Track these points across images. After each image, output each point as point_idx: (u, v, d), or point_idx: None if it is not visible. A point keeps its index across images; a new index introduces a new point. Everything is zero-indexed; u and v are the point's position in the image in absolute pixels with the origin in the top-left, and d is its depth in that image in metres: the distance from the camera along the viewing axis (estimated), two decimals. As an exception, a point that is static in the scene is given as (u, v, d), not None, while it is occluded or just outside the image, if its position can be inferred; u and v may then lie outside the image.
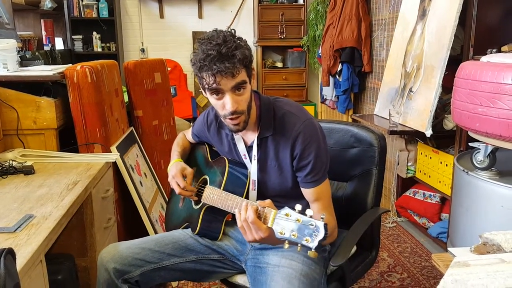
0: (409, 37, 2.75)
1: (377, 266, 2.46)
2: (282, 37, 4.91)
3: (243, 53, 1.21)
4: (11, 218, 1.29)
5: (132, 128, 2.54)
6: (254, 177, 1.39)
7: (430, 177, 2.68)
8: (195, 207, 1.50)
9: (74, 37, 4.90)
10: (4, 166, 1.70)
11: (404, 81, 2.73)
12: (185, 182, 1.46)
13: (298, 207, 1.09)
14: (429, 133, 2.36)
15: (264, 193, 1.38)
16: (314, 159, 1.31)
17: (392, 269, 2.44)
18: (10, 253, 0.88)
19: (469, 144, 1.83)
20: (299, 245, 1.06)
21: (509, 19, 2.22)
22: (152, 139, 2.65)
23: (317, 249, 1.04)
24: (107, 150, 2.03)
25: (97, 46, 5.01)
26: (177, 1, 5.15)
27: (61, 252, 1.64)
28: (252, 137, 1.39)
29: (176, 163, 1.53)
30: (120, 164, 2.07)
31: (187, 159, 1.63)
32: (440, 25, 2.41)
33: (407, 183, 3.02)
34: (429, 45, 2.49)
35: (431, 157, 2.66)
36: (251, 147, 1.39)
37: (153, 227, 2.18)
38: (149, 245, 1.44)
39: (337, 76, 3.66)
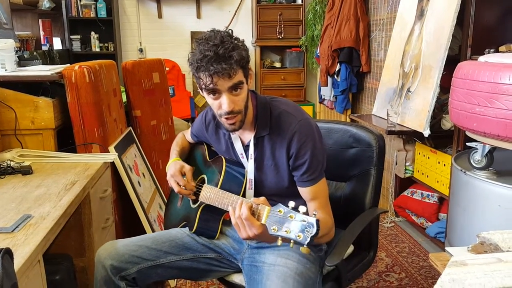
0: (407, 37, 2.75)
1: (375, 266, 2.47)
2: (280, 37, 4.91)
3: (240, 54, 1.22)
4: (9, 218, 1.29)
5: (130, 128, 2.53)
6: (251, 176, 1.40)
7: (428, 177, 2.68)
8: (193, 206, 1.51)
9: (72, 37, 4.89)
10: (2, 166, 1.70)
11: (402, 81, 2.73)
12: (184, 180, 1.47)
13: (291, 204, 1.10)
14: (427, 133, 2.36)
15: (261, 192, 1.38)
16: (310, 158, 1.31)
17: (390, 269, 2.45)
18: (7, 253, 0.88)
19: (467, 144, 1.83)
20: (292, 241, 1.06)
21: (507, 19, 2.23)
22: (150, 139, 2.65)
23: (310, 245, 1.05)
24: (105, 150, 2.03)
25: (95, 46, 5.00)
26: (175, 1, 5.14)
27: (59, 252, 1.64)
28: (249, 136, 1.39)
29: (174, 162, 1.54)
30: (118, 164, 2.07)
31: (186, 159, 1.63)
32: (438, 25, 2.41)
33: (405, 183, 3.03)
34: (427, 45, 2.50)
35: (429, 157, 2.67)
36: (248, 146, 1.39)
37: (151, 227, 2.18)
38: (146, 243, 1.44)
39: (335, 76, 3.66)
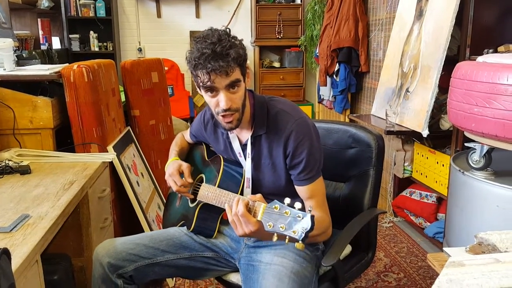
0: (406, 37, 2.75)
1: (374, 266, 2.47)
2: (279, 37, 4.91)
3: (237, 52, 1.23)
4: (7, 218, 1.29)
5: (129, 127, 2.53)
6: (248, 175, 1.40)
7: (426, 177, 2.69)
8: (191, 205, 1.51)
9: (71, 36, 4.88)
10: (0, 165, 1.70)
11: (401, 81, 2.73)
12: (182, 180, 1.48)
13: (287, 200, 1.10)
14: (425, 133, 2.36)
15: (258, 191, 1.38)
16: (307, 157, 1.32)
17: (388, 269, 2.45)
18: (5, 253, 0.88)
19: (465, 144, 1.83)
20: (287, 237, 1.07)
21: (505, 19, 2.23)
22: (149, 138, 2.65)
23: (305, 242, 1.05)
24: (103, 149, 2.02)
25: (94, 45, 4.99)
26: (174, 0, 5.14)
27: (57, 252, 1.64)
28: (246, 135, 1.40)
29: (173, 161, 1.54)
30: (116, 164, 2.07)
31: (186, 159, 1.64)
32: (436, 25, 2.41)
33: (404, 183, 3.03)
34: (425, 45, 2.50)
35: (427, 157, 2.67)
36: (246, 145, 1.40)
37: (149, 227, 2.18)
38: (144, 241, 1.45)
39: (335, 76, 3.66)
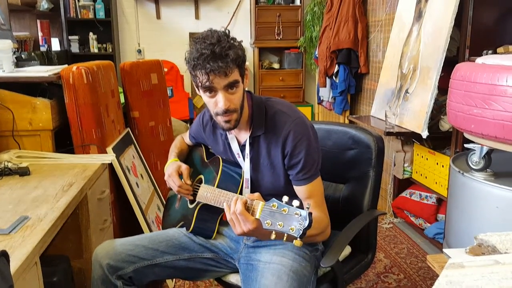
0: (405, 39, 2.75)
1: (374, 267, 2.47)
2: (279, 38, 4.91)
3: (236, 53, 1.23)
4: (5, 219, 1.28)
5: (128, 129, 2.53)
6: (247, 175, 1.41)
7: (426, 178, 2.68)
8: (190, 206, 1.51)
9: (70, 37, 4.88)
10: (-1, 167, 1.69)
11: (400, 82, 2.73)
12: (181, 181, 1.48)
13: (285, 198, 1.10)
14: (425, 134, 2.36)
15: (257, 191, 1.37)
16: (305, 156, 1.32)
17: (388, 270, 2.45)
18: (3, 255, 0.87)
19: (465, 145, 1.83)
20: (285, 234, 1.07)
21: (504, 20, 2.23)
22: (148, 140, 2.65)
23: (302, 238, 1.05)
24: (103, 151, 2.02)
25: (94, 47, 4.99)
26: (174, 2, 5.14)
27: (56, 253, 1.64)
28: (245, 136, 1.40)
29: (172, 162, 1.55)
30: (116, 165, 2.07)
31: (185, 161, 1.64)
32: (436, 26, 2.41)
33: (404, 184, 3.03)
34: (425, 47, 2.50)
35: (427, 158, 2.67)
36: (244, 146, 1.40)
37: (149, 228, 2.18)
38: (143, 242, 1.45)
39: (334, 77, 3.66)
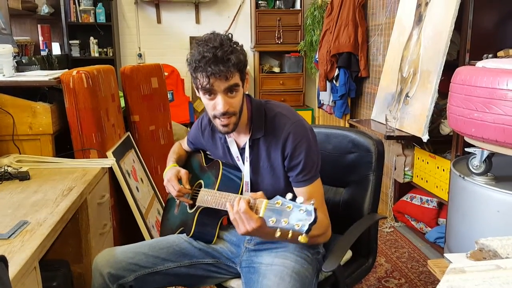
0: (406, 43, 2.75)
1: (375, 271, 2.46)
2: (279, 42, 4.92)
3: (238, 58, 1.24)
4: (5, 224, 1.28)
5: (128, 133, 2.53)
6: (247, 178, 1.40)
7: (427, 182, 2.68)
8: (190, 211, 1.50)
9: (71, 42, 4.89)
10: (-1, 171, 1.69)
11: (400, 86, 2.73)
12: (180, 186, 1.48)
13: (289, 195, 1.10)
14: (425, 138, 2.36)
15: None
16: (304, 158, 1.32)
17: (389, 275, 2.44)
18: (2, 261, 0.87)
19: (465, 149, 1.83)
20: (290, 231, 1.05)
21: (505, 24, 2.23)
22: (148, 144, 2.65)
23: (308, 233, 1.04)
24: (103, 155, 2.02)
25: (94, 51, 5.00)
26: (174, 6, 5.15)
27: (56, 258, 1.63)
28: (244, 139, 1.40)
29: (171, 167, 1.55)
30: (116, 169, 2.07)
31: (183, 167, 1.63)
32: (436, 30, 2.41)
33: (404, 188, 3.02)
34: (425, 51, 2.50)
35: (428, 162, 2.67)
36: (244, 149, 1.40)
37: (149, 232, 2.18)
38: (144, 250, 1.44)
39: (334, 81, 3.66)
